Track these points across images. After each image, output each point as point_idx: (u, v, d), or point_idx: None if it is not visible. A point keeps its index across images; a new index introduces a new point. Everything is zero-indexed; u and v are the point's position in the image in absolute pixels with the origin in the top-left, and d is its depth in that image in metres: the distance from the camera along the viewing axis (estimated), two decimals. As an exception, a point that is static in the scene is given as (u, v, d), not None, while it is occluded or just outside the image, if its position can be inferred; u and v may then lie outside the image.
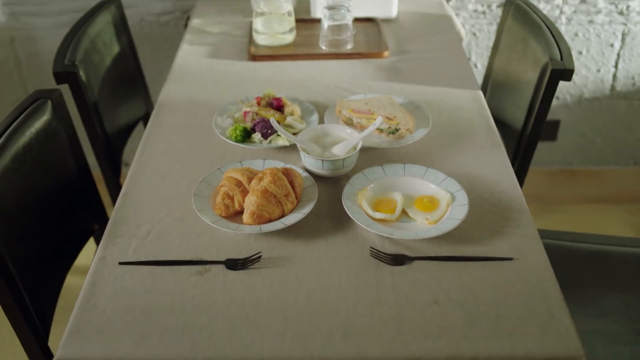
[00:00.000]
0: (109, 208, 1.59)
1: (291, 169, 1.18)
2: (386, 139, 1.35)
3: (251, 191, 1.14)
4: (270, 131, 1.32)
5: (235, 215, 1.15)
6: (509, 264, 1.06)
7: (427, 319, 0.97)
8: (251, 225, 1.12)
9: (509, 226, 1.13)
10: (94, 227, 1.55)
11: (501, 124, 1.65)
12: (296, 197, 1.16)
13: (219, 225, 1.11)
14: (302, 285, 1.02)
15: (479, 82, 1.57)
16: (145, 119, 2.00)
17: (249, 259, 1.06)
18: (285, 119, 1.37)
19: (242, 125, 1.34)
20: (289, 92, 1.52)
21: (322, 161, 1.21)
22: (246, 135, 1.33)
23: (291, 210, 1.15)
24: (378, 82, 1.60)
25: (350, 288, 1.02)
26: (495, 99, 1.86)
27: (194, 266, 1.06)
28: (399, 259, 1.06)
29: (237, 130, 1.33)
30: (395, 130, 1.35)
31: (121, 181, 1.73)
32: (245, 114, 1.37)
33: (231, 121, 1.38)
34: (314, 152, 1.24)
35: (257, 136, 1.33)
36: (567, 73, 1.48)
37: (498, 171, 1.27)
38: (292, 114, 1.39)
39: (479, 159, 1.31)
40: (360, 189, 1.19)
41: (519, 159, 1.67)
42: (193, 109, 1.48)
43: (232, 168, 1.21)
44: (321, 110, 1.44)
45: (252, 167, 1.23)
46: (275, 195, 1.13)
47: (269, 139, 1.32)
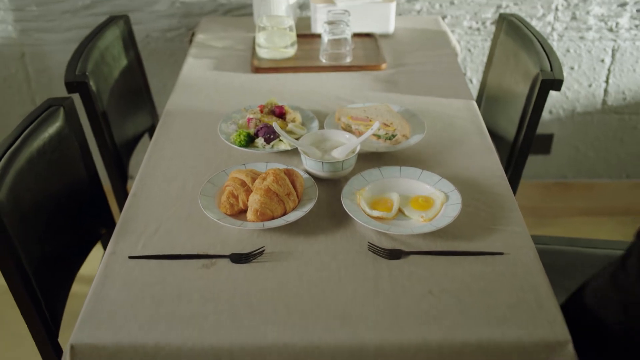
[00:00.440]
0: (116, 215, 1.65)
1: (293, 170, 1.24)
2: (383, 144, 1.41)
3: (255, 190, 1.19)
4: (272, 136, 1.39)
5: (239, 213, 1.21)
6: (500, 258, 1.11)
7: (421, 308, 1.02)
8: (255, 222, 1.17)
9: (500, 224, 1.19)
10: (101, 232, 1.61)
11: (495, 136, 1.71)
12: (297, 196, 1.22)
13: (224, 222, 1.17)
14: (303, 277, 1.08)
15: (473, 96, 1.64)
16: (151, 130, 2.06)
17: (253, 253, 1.12)
18: (287, 126, 1.43)
19: (246, 131, 1.40)
20: (290, 102, 1.59)
21: (322, 163, 1.27)
22: (250, 140, 1.40)
23: (293, 209, 1.21)
24: (376, 92, 1.66)
25: (348, 280, 1.07)
26: (489, 112, 1.93)
27: (200, 260, 1.11)
28: (395, 254, 1.12)
29: (241, 135, 1.39)
30: (392, 136, 1.41)
31: (128, 189, 1.79)
32: (249, 120, 1.44)
33: (235, 127, 1.45)
34: (314, 155, 1.30)
35: (260, 141, 1.39)
36: (556, 83, 1.55)
37: (490, 174, 1.33)
38: (293, 120, 1.46)
39: (472, 162, 1.37)
40: (359, 189, 1.25)
41: (511, 168, 1.73)
42: (198, 116, 1.55)
43: (236, 169, 1.27)
44: (321, 118, 1.51)
45: (255, 169, 1.29)
46: (277, 194, 1.18)
47: (271, 143, 1.39)
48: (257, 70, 1.77)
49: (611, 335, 0.98)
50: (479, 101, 2.01)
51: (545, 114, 2.36)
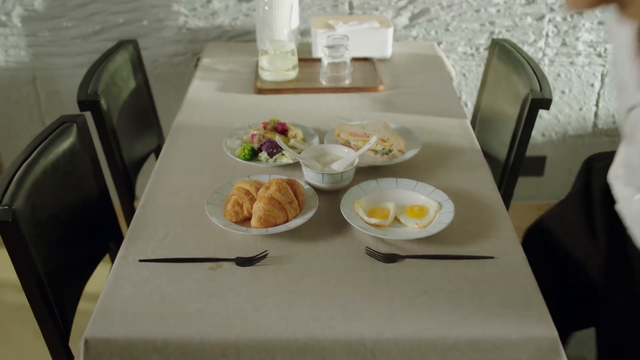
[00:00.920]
0: (124, 230, 1.72)
1: (294, 180, 1.31)
2: (380, 159, 1.49)
3: (258, 199, 1.26)
4: (275, 150, 1.46)
5: (244, 221, 1.28)
6: (490, 261, 1.18)
7: (416, 306, 1.08)
8: (258, 228, 1.24)
9: (491, 230, 1.25)
10: (109, 245, 1.67)
11: (488, 157, 1.79)
12: (299, 204, 1.29)
13: (229, 228, 1.23)
14: (304, 278, 1.14)
15: (468, 119, 1.72)
16: (157, 151, 2.14)
17: (257, 256, 1.18)
18: (289, 141, 1.51)
19: (250, 145, 1.48)
20: (292, 120, 1.66)
21: (323, 175, 1.34)
22: (253, 154, 1.47)
23: (295, 216, 1.27)
24: (373, 112, 1.74)
25: (347, 281, 1.13)
26: (482, 134, 2.00)
27: (207, 263, 1.18)
28: (391, 257, 1.18)
29: (245, 149, 1.46)
30: (388, 151, 1.49)
31: (135, 206, 1.86)
32: (253, 136, 1.51)
33: (240, 142, 1.52)
34: (315, 167, 1.37)
35: (263, 155, 1.46)
36: (545, 102, 1.63)
37: (482, 186, 1.40)
38: (295, 136, 1.53)
39: (464, 176, 1.44)
40: (357, 199, 1.32)
41: (504, 186, 1.81)
42: (204, 133, 1.62)
43: (241, 180, 1.34)
44: (321, 135, 1.58)
45: (259, 180, 1.36)
46: (280, 202, 1.25)
47: (274, 157, 1.46)
48: (260, 91, 1.86)
49: None
50: (473, 124, 2.09)
51: (537, 137, 2.44)
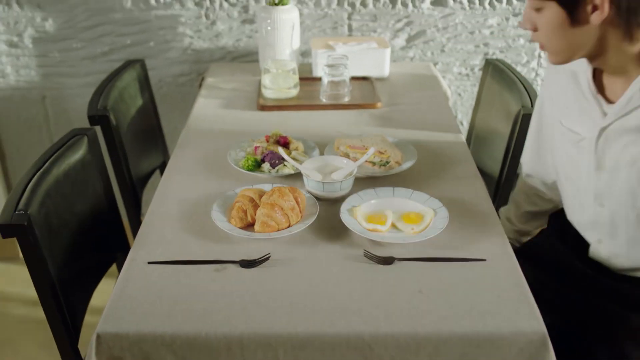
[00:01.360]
0: (131, 242, 1.77)
1: (296, 188, 1.38)
2: (378, 170, 1.55)
3: (262, 205, 1.33)
4: (277, 161, 1.53)
5: (248, 226, 1.34)
6: (482, 263, 1.23)
7: (412, 304, 1.13)
8: (262, 233, 1.30)
9: (483, 235, 1.31)
10: (117, 255, 1.73)
11: (482, 174, 1.85)
12: (300, 211, 1.35)
13: (234, 232, 1.29)
14: (305, 279, 1.20)
15: (463, 135, 1.79)
16: (162, 167, 2.20)
17: (260, 259, 1.24)
18: (290, 153, 1.57)
19: (253, 157, 1.54)
20: (293, 135, 1.73)
21: (323, 184, 1.41)
22: (257, 165, 1.54)
23: (296, 222, 1.33)
24: (371, 127, 1.81)
25: (346, 281, 1.19)
26: (477, 152, 2.07)
27: (212, 265, 1.24)
28: (388, 260, 1.24)
29: (249, 160, 1.53)
30: (386, 163, 1.55)
31: (141, 220, 1.92)
32: (256, 148, 1.58)
33: (244, 154, 1.59)
34: (315, 177, 1.44)
35: (266, 166, 1.53)
36: (536, 117, 1.70)
37: (475, 195, 1.47)
38: (296, 149, 1.60)
39: (459, 186, 1.50)
40: (356, 206, 1.38)
41: (497, 198, 1.87)
42: (209, 146, 1.69)
43: (245, 188, 1.40)
44: (322, 148, 1.65)
45: (262, 188, 1.43)
46: (282, 208, 1.31)
47: (276, 168, 1.52)
48: (263, 108, 1.93)
49: None
50: (468, 142, 2.16)
51: (532, 155, 2.50)
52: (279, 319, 1.10)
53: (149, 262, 1.25)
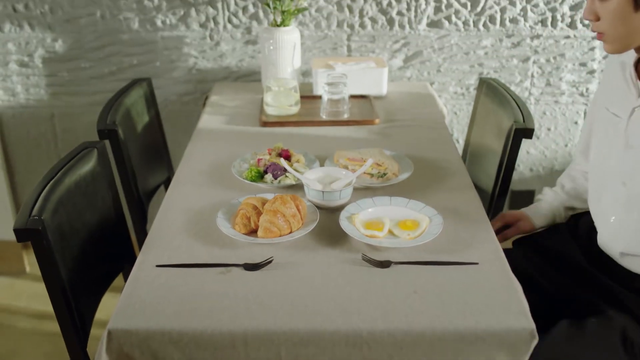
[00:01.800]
0: (137, 253, 1.83)
1: (297, 196, 1.44)
2: (376, 181, 1.62)
3: (265, 212, 1.39)
4: (280, 172, 1.59)
5: (251, 233, 1.40)
6: (475, 267, 1.29)
7: (407, 303, 1.19)
8: (264, 238, 1.36)
9: (476, 241, 1.37)
10: (124, 265, 1.78)
11: (477, 190, 1.91)
12: (301, 218, 1.41)
13: (238, 237, 1.36)
14: (307, 280, 1.26)
15: (458, 151, 1.86)
16: (167, 183, 2.27)
17: (263, 262, 1.30)
18: (292, 165, 1.64)
19: (257, 168, 1.61)
20: (294, 149, 1.80)
21: (323, 193, 1.47)
22: (260, 177, 1.60)
23: (297, 228, 1.40)
24: (370, 142, 1.88)
25: (345, 283, 1.25)
26: (472, 168, 2.14)
27: (217, 268, 1.30)
28: (385, 263, 1.30)
29: (252, 171, 1.60)
30: (383, 174, 1.62)
31: (147, 232, 1.98)
32: (259, 160, 1.65)
33: (247, 166, 1.66)
34: (315, 186, 1.50)
35: (269, 177, 1.60)
36: (528, 131, 1.77)
37: (468, 204, 1.53)
38: (298, 161, 1.67)
39: (453, 196, 1.57)
40: (354, 214, 1.44)
41: (491, 214, 1.93)
42: (214, 160, 1.76)
43: (249, 197, 1.47)
44: (322, 161, 1.72)
45: (265, 197, 1.49)
46: (284, 215, 1.38)
47: (278, 179, 1.59)
48: (265, 124, 2.00)
49: None
50: (463, 159, 2.22)
51: (526, 172, 2.58)
52: (281, 317, 1.16)
53: (156, 265, 1.31)
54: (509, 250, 1.49)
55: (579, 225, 1.60)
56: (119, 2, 2.32)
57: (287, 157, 1.69)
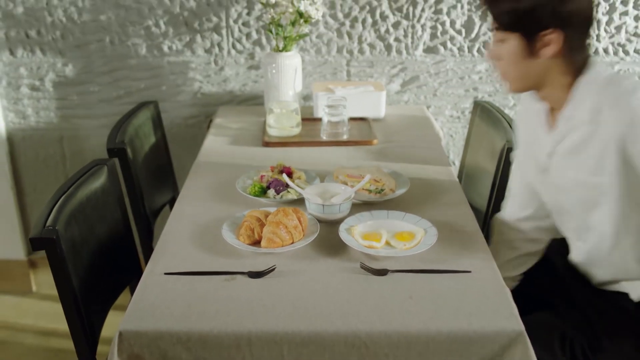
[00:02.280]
0: (144, 268, 1.90)
1: (298, 209, 1.52)
2: (374, 197, 1.69)
3: (268, 223, 1.46)
4: (282, 188, 1.67)
5: (255, 243, 1.47)
6: (467, 275, 1.36)
7: (403, 307, 1.26)
8: (268, 248, 1.43)
9: (469, 251, 1.44)
10: (131, 278, 1.84)
11: (472, 210, 1.99)
12: (302, 229, 1.48)
13: (242, 247, 1.42)
14: (307, 286, 1.32)
15: (453, 171, 1.94)
16: (172, 202, 2.34)
17: (266, 270, 1.37)
18: (293, 182, 1.72)
19: (260, 184, 1.69)
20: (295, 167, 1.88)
21: (323, 206, 1.55)
22: (262, 192, 1.68)
23: (299, 239, 1.47)
24: (368, 161, 1.96)
25: (344, 289, 1.32)
26: (466, 189, 2.20)
27: (223, 276, 1.36)
28: (382, 271, 1.36)
29: (255, 187, 1.67)
30: (380, 190, 1.70)
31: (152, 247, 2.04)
32: (262, 176, 1.73)
33: (251, 182, 1.73)
34: (316, 201, 1.58)
35: (271, 192, 1.67)
36: (519, 151, 1.84)
37: (462, 218, 1.60)
38: (299, 178, 1.74)
39: (448, 210, 1.64)
40: (353, 226, 1.52)
41: (486, 227, 1.99)
42: (218, 177, 1.84)
43: (252, 210, 1.54)
44: (322, 178, 1.79)
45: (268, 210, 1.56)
46: (286, 226, 1.45)
47: (280, 194, 1.67)
48: (267, 144, 2.08)
49: None
50: (459, 179, 2.30)
51: (521, 193, 2.64)
52: (283, 319, 1.22)
53: (165, 273, 1.37)
54: None
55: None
56: (128, 28, 2.42)
57: (289, 174, 1.76)
